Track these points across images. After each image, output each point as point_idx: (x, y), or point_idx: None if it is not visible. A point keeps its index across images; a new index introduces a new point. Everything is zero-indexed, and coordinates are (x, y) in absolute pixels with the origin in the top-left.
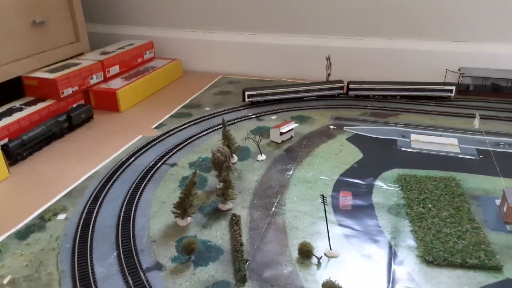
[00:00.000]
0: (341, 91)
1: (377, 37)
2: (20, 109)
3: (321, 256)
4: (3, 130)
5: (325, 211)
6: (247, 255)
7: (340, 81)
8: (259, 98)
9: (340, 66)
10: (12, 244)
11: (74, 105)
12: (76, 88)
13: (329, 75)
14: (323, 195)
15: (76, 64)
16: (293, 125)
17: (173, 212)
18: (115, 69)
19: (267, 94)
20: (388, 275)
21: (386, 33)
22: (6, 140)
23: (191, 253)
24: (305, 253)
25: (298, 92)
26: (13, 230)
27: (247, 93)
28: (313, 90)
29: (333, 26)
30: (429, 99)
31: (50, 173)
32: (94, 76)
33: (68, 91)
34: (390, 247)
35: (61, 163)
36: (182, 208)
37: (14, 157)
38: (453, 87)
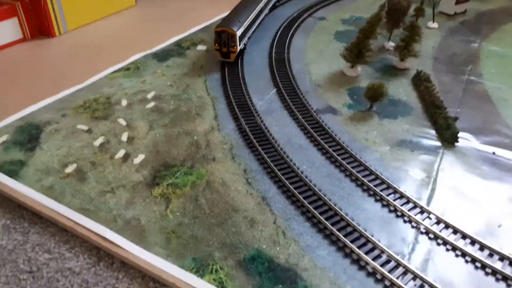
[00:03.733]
0: None
1: None
2: None
3: None
4: None
5: None
6: None
7: None
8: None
9: None
10: (150, 63)
11: None
12: None
13: None
14: None
15: None
16: None
17: (343, 56)
18: None
19: None
20: None
21: None
22: None
23: (377, 99)
24: None
25: None
26: (149, 51)
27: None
28: None
29: None
30: None
31: (178, 9)
32: None
33: None
34: None
35: (188, 3)
36: (356, 51)
37: None
38: None
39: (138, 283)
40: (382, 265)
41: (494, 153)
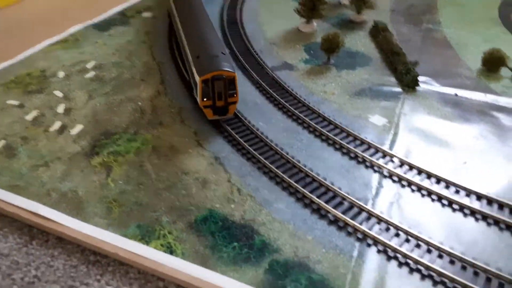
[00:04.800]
0: None
1: None
2: None
3: None
4: None
5: None
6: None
7: None
8: None
9: None
10: (90, 34)
11: None
12: None
13: None
14: None
15: None
16: None
17: (298, 11)
18: None
19: None
20: None
21: None
22: None
23: (334, 51)
24: (495, 61)
25: None
26: (90, 22)
27: None
28: None
29: None
30: None
31: None
32: None
33: None
34: None
35: None
36: (310, 4)
37: None
38: None
39: (77, 258)
40: (344, 212)
41: (456, 94)
